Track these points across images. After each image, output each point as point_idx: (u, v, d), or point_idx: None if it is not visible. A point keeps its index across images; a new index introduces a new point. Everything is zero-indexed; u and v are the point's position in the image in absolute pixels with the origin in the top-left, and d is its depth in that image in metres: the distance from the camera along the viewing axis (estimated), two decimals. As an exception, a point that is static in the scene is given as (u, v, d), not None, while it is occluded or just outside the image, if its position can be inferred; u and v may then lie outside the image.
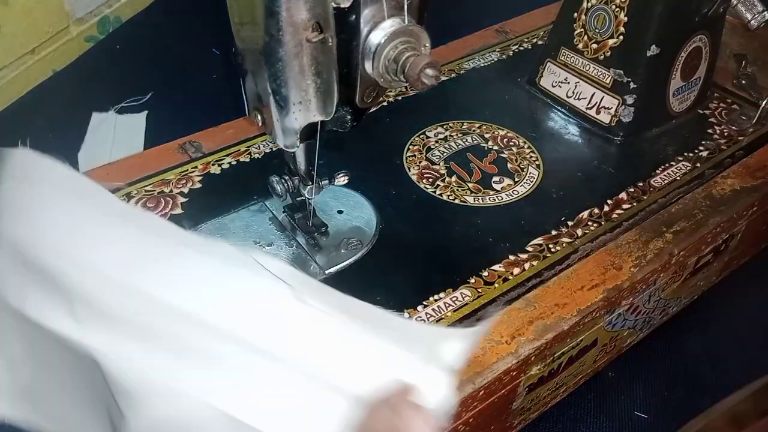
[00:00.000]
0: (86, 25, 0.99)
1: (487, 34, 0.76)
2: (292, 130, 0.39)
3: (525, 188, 0.55)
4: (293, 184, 0.47)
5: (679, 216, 0.52)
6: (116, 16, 1.04)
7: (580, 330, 0.46)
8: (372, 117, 0.61)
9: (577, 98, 0.63)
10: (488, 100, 0.65)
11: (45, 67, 0.93)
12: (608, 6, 0.59)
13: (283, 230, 0.49)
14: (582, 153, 0.60)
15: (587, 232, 0.51)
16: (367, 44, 0.37)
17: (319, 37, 0.35)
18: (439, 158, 0.57)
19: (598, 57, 0.60)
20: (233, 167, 0.56)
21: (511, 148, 0.59)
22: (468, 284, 0.46)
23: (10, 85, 0.88)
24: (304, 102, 0.38)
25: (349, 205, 0.52)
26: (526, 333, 0.43)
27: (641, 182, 0.56)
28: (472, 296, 0.46)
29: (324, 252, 0.48)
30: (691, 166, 0.58)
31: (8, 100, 0.89)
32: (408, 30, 0.37)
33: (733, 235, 0.57)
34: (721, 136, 0.61)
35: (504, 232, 0.50)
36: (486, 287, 0.46)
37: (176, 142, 0.58)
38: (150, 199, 0.52)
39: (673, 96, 0.61)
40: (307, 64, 0.36)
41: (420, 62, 0.36)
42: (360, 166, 0.54)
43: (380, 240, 0.49)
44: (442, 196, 0.54)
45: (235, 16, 0.38)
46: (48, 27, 0.92)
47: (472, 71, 0.70)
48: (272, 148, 0.58)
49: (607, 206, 0.53)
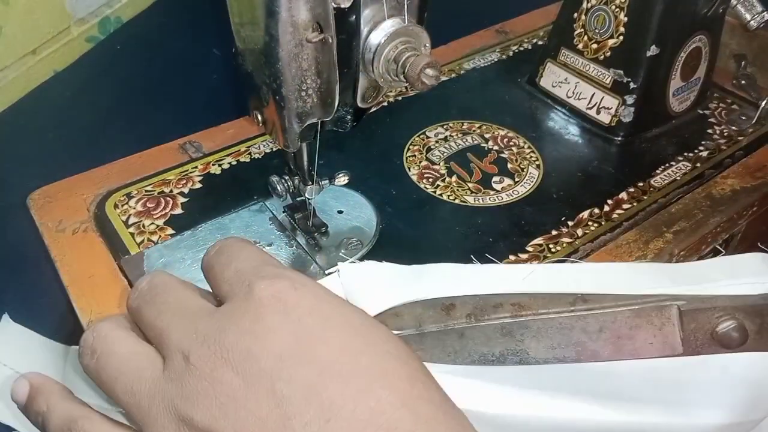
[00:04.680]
0: (87, 26, 0.99)
1: (487, 34, 0.76)
2: (292, 130, 0.39)
3: (525, 188, 0.55)
4: (293, 184, 0.47)
5: (679, 216, 0.52)
6: (117, 17, 1.04)
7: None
8: (372, 117, 0.61)
9: (577, 98, 0.63)
10: (488, 100, 0.65)
11: (46, 68, 0.93)
12: (608, 6, 0.59)
13: (283, 230, 0.49)
14: (582, 153, 0.60)
15: (587, 232, 0.51)
16: (367, 44, 0.37)
17: (319, 37, 0.35)
18: (439, 158, 0.57)
19: (598, 57, 0.60)
20: (233, 167, 0.56)
21: (511, 148, 0.59)
22: (468, 284, 0.46)
23: (11, 85, 0.88)
24: (304, 102, 0.38)
25: (349, 205, 0.52)
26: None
27: (641, 182, 0.56)
28: (472, 296, 0.46)
29: (324, 252, 0.48)
30: (691, 166, 0.58)
31: (9, 100, 0.89)
32: (408, 30, 0.37)
33: (733, 235, 0.57)
34: (721, 136, 0.61)
35: (504, 232, 0.50)
36: (486, 287, 0.46)
37: (176, 142, 0.58)
38: (150, 199, 0.52)
39: (673, 96, 0.61)
40: (307, 64, 0.36)
41: (420, 62, 0.36)
42: (360, 166, 0.54)
43: (380, 240, 0.49)
44: (442, 196, 0.54)
45: (235, 16, 0.38)
46: (49, 27, 0.92)
47: (472, 71, 0.70)
48: (272, 148, 0.58)
49: (607, 206, 0.53)
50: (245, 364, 0.23)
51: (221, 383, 0.23)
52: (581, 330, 0.29)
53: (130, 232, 0.49)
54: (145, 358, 0.26)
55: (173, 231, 0.49)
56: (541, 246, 0.49)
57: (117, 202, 0.52)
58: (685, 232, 0.51)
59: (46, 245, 0.49)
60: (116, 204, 0.52)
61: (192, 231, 0.49)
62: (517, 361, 0.30)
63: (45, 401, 0.28)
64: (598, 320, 0.29)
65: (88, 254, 0.48)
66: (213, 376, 0.23)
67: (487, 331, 0.30)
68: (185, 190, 0.53)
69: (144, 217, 0.51)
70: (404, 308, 0.30)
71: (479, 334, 0.30)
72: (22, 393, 0.29)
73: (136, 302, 0.28)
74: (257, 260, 0.28)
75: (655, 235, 0.51)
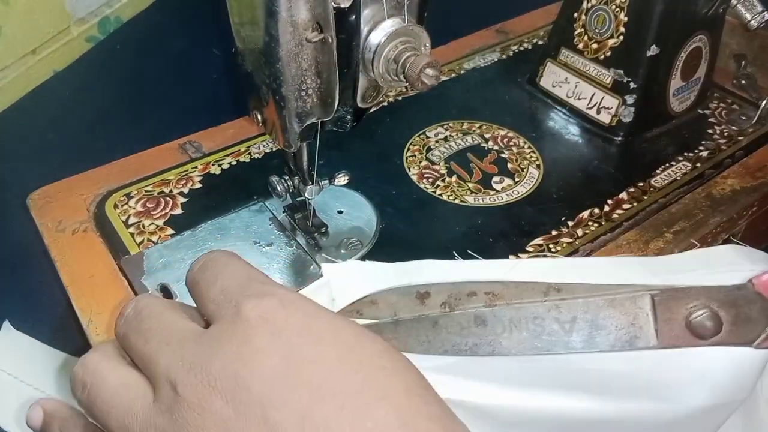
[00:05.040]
0: (87, 26, 0.99)
1: (487, 34, 0.76)
2: (292, 130, 0.39)
3: (525, 188, 0.55)
4: (293, 184, 0.47)
5: (679, 216, 0.52)
6: (117, 17, 1.04)
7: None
8: (372, 117, 0.61)
9: (577, 98, 0.63)
10: (488, 100, 0.65)
11: (46, 68, 0.93)
12: (608, 6, 0.59)
13: (283, 230, 0.49)
14: (582, 153, 0.60)
15: (587, 232, 0.51)
16: (367, 44, 0.37)
17: (319, 37, 0.35)
18: (439, 158, 0.57)
19: (598, 57, 0.60)
20: (233, 167, 0.56)
21: (512, 148, 0.59)
22: (468, 284, 0.46)
23: (11, 85, 0.88)
24: (304, 102, 0.38)
25: (349, 205, 0.52)
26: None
27: (641, 182, 0.56)
28: (472, 296, 0.46)
29: (324, 252, 0.48)
30: (691, 166, 0.58)
31: (9, 100, 0.89)
32: (408, 30, 0.37)
33: (733, 235, 0.57)
34: (721, 136, 0.61)
35: (504, 232, 0.50)
36: (486, 287, 0.46)
37: (176, 142, 0.58)
38: (150, 199, 0.52)
39: (673, 96, 0.61)
40: (307, 64, 0.36)
41: (420, 62, 0.36)
42: (360, 166, 0.54)
43: (380, 240, 0.49)
44: (442, 196, 0.54)
45: (235, 16, 0.38)
46: (49, 27, 0.92)
47: (472, 71, 0.70)
48: (272, 148, 0.58)
49: (607, 206, 0.53)
50: (234, 392, 0.22)
51: (211, 413, 0.22)
52: (554, 319, 0.29)
53: (130, 232, 0.49)
54: (135, 390, 0.25)
55: (173, 231, 0.49)
56: (541, 246, 0.49)
57: (117, 202, 0.52)
58: (685, 232, 0.51)
59: (46, 245, 0.49)
60: (116, 204, 0.52)
61: (192, 231, 0.49)
62: (489, 352, 0.30)
63: (59, 428, 0.28)
64: (571, 309, 0.29)
65: (88, 254, 0.48)
66: (202, 407, 0.22)
67: (461, 320, 0.30)
68: (185, 190, 0.53)
69: (144, 217, 0.51)
70: (380, 296, 0.31)
71: (453, 323, 0.30)
72: (37, 419, 0.29)
73: (123, 329, 0.27)
74: (243, 277, 0.27)
75: (655, 235, 0.51)
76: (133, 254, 0.47)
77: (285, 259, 0.47)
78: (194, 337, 0.25)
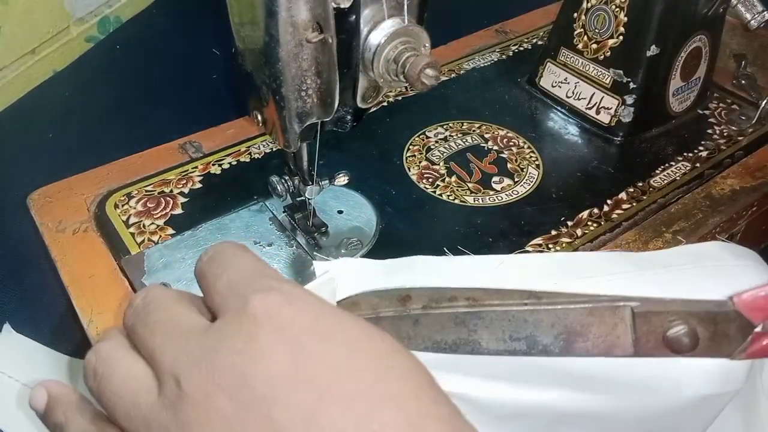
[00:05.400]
0: (86, 25, 0.99)
1: (487, 34, 0.76)
2: (292, 130, 0.39)
3: (525, 188, 0.55)
4: (293, 184, 0.47)
5: (678, 216, 0.52)
6: (116, 16, 1.04)
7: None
8: (372, 117, 0.61)
9: (577, 98, 0.63)
10: (488, 100, 0.65)
11: (45, 68, 0.93)
12: (608, 6, 0.59)
13: (283, 230, 0.49)
14: (582, 153, 0.60)
15: (587, 232, 0.51)
16: (367, 44, 0.37)
17: (319, 37, 0.35)
18: (439, 158, 0.57)
19: (598, 57, 0.60)
20: (233, 167, 0.56)
21: (511, 148, 0.59)
22: (468, 284, 0.46)
23: (11, 85, 0.88)
24: (304, 102, 0.38)
25: (349, 205, 0.52)
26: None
27: (641, 182, 0.56)
28: (472, 296, 0.46)
29: (324, 252, 0.48)
30: (690, 166, 0.58)
31: (9, 100, 0.89)
32: (408, 30, 0.37)
33: (732, 235, 0.57)
34: (720, 136, 0.61)
35: (504, 232, 0.50)
36: (486, 287, 0.46)
37: (176, 142, 0.58)
38: (150, 199, 0.52)
39: (672, 96, 0.61)
40: (307, 64, 0.36)
41: (420, 62, 0.36)
42: (360, 166, 0.54)
43: (380, 240, 0.49)
44: (442, 196, 0.54)
45: (235, 16, 0.38)
46: (48, 27, 0.92)
47: (472, 71, 0.70)
48: (272, 148, 0.58)
49: (606, 206, 0.53)
50: (239, 390, 0.22)
51: (215, 410, 0.22)
52: (533, 324, 0.29)
53: (130, 232, 0.49)
54: (142, 382, 0.25)
55: (173, 231, 0.49)
56: (541, 246, 0.49)
57: (117, 202, 0.52)
58: (685, 232, 0.51)
59: (46, 245, 0.49)
60: (116, 204, 0.52)
61: (192, 231, 0.49)
62: (469, 351, 0.30)
63: (63, 413, 0.28)
64: (551, 315, 0.29)
65: (88, 254, 0.48)
66: (206, 403, 0.22)
67: (441, 319, 0.30)
68: (185, 190, 0.53)
69: (144, 217, 0.51)
70: (361, 297, 0.31)
71: (433, 322, 0.30)
72: (40, 401, 0.28)
73: (131, 320, 0.27)
74: (251, 270, 0.26)
75: (655, 235, 0.51)
76: (133, 254, 0.47)
77: (285, 259, 0.47)
78: (200, 332, 0.24)
